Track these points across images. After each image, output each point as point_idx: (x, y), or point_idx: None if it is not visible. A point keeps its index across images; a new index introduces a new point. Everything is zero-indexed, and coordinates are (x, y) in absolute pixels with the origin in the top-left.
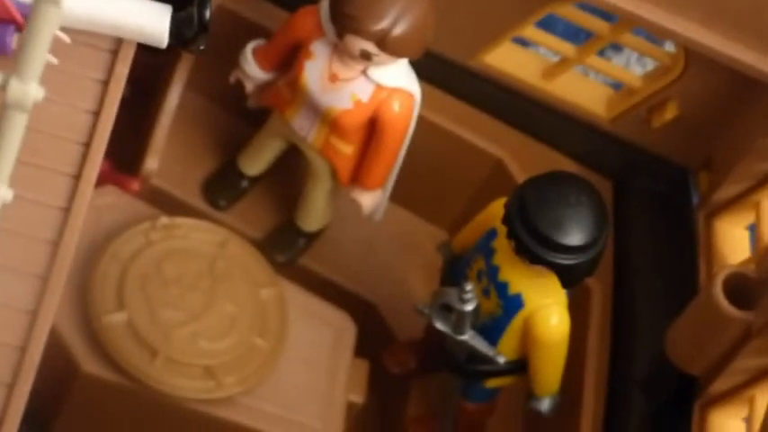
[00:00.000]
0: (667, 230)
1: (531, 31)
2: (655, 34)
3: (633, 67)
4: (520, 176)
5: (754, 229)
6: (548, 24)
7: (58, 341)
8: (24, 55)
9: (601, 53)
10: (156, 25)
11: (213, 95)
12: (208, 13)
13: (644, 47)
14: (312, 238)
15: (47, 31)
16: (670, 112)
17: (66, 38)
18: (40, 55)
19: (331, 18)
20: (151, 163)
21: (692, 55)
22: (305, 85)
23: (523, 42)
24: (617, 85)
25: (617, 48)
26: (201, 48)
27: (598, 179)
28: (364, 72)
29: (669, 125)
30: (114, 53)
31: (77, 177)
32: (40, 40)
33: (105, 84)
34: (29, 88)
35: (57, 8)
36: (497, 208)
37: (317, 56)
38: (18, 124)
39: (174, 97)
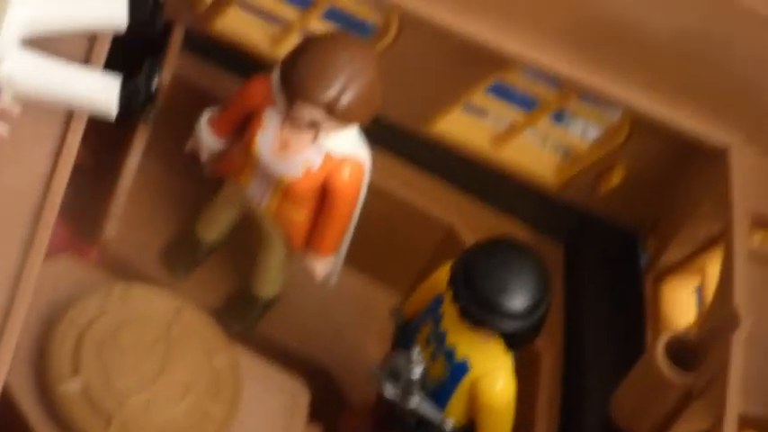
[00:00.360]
0: (617, 294)
1: (480, 98)
2: (600, 100)
3: (591, 133)
4: (471, 242)
5: (700, 292)
6: (502, 92)
7: (13, 408)
8: None
9: (559, 119)
10: (105, 97)
11: (171, 163)
12: (155, 84)
13: (590, 113)
14: (268, 304)
15: None
16: (616, 178)
17: (17, 108)
18: None
19: (281, 87)
20: (109, 230)
21: (636, 121)
22: (257, 152)
23: (475, 109)
24: (566, 151)
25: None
26: (150, 118)
27: (548, 243)
28: (315, 140)
29: (616, 190)
30: (66, 123)
31: (28, 244)
32: None
33: (56, 154)
34: None
35: None
36: (445, 273)
37: (269, 124)
38: None
39: (132, 165)
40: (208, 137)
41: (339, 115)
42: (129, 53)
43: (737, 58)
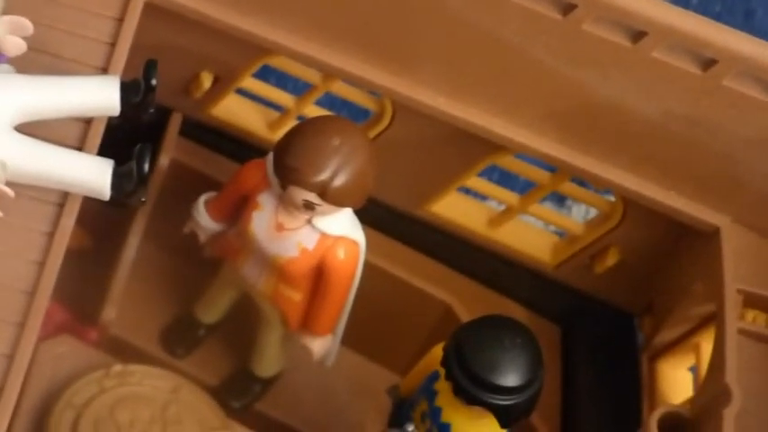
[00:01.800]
0: (613, 373)
1: (475, 181)
2: (592, 183)
3: (587, 215)
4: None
5: (696, 370)
6: (496, 175)
7: None
8: None
9: (559, 202)
10: (98, 180)
11: (170, 246)
12: (146, 167)
13: (584, 195)
14: (267, 383)
15: None
16: (611, 259)
17: (11, 192)
18: None
19: (275, 171)
20: (109, 312)
21: (629, 203)
22: (253, 234)
23: (470, 191)
24: (561, 233)
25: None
26: (143, 200)
27: (545, 323)
28: (309, 221)
29: (611, 271)
30: (60, 206)
31: (22, 326)
32: None
33: (51, 235)
34: None
35: None
36: (439, 351)
37: (264, 206)
38: None
39: (131, 248)
40: (205, 219)
41: (332, 198)
42: (127, 138)
43: (723, 141)
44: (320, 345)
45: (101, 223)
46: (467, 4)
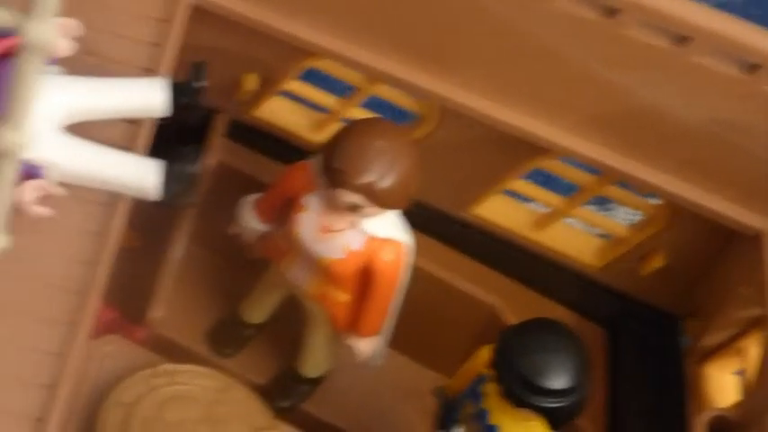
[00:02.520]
0: (658, 375)
1: (519, 184)
2: (636, 187)
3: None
4: (513, 323)
5: (742, 374)
6: (540, 178)
7: None
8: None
9: (601, 205)
10: (146, 180)
11: (216, 246)
12: (195, 168)
13: (629, 199)
14: (314, 384)
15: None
16: (657, 262)
17: (61, 192)
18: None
19: (321, 172)
20: (156, 312)
21: (674, 206)
22: (299, 236)
23: (514, 194)
24: (605, 236)
25: None
26: (191, 201)
27: (591, 326)
28: (355, 223)
29: (657, 274)
30: (110, 206)
31: (73, 325)
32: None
33: (101, 236)
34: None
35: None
36: (486, 354)
37: (310, 208)
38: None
39: (178, 248)
40: (251, 221)
41: (377, 200)
42: (174, 139)
43: (766, 145)
44: (367, 346)
45: (148, 223)
46: (511, 8)
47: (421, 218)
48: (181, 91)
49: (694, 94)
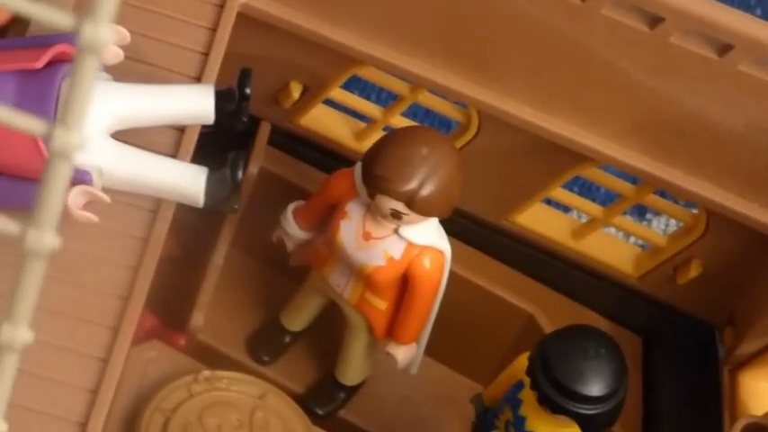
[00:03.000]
0: (694, 384)
1: (560, 193)
2: (676, 195)
3: (670, 227)
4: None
5: None
6: (581, 186)
7: None
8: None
9: (639, 215)
10: (192, 186)
11: (257, 254)
12: (240, 174)
13: (667, 208)
14: (352, 391)
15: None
16: (694, 270)
17: (106, 198)
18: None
19: (363, 180)
20: (197, 319)
21: (712, 215)
22: (341, 243)
23: (554, 203)
24: (644, 245)
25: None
26: (235, 207)
27: (627, 334)
28: (396, 230)
29: (694, 282)
30: (154, 212)
31: (116, 330)
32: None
33: (145, 241)
34: (46, 236)
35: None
36: (523, 361)
37: (352, 216)
38: (35, 271)
39: (219, 256)
40: (293, 228)
41: (419, 208)
42: (218, 146)
43: None
44: (405, 353)
45: (190, 231)
46: (554, 15)
47: (460, 226)
48: (227, 98)
49: (737, 102)
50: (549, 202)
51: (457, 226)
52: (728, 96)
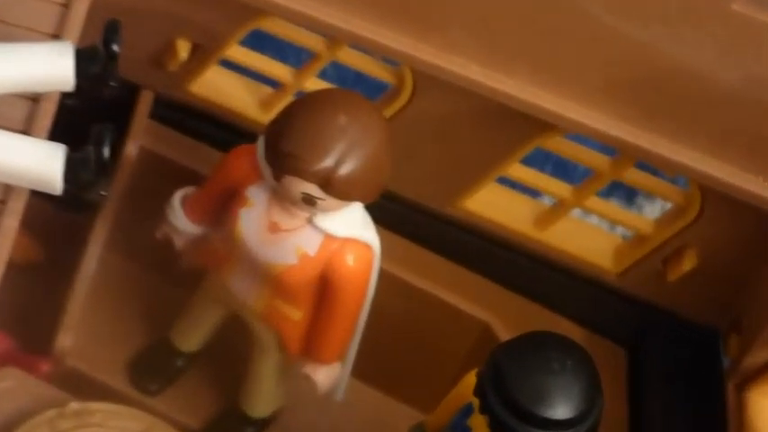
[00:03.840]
0: (692, 403)
1: (518, 170)
2: (661, 169)
3: (656, 209)
4: None
5: None
6: (544, 161)
7: None
8: None
9: (628, 200)
10: (48, 168)
11: (138, 257)
12: (107, 152)
13: (652, 185)
14: (262, 425)
15: None
16: (688, 263)
17: None
18: None
19: (267, 158)
20: (64, 340)
21: (707, 192)
22: (241, 237)
23: (512, 183)
24: (626, 232)
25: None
26: (103, 194)
27: (607, 345)
28: (310, 220)
29: (688, 278)
30: (1, 203)
31: None
32: None
33: None
34: None
35: None
36: (473, 379)
37: (255, 203)
38: None
39: (91, 261)
40: (182, 221)
41: (338, 191)
42: (87, 121)
43: None
44: (326, 375)
45: (54, 230)
46: None
47: (394, 214)
48: (90, 57)
49: (732, 50)
50: (505, 182)
51: (389, 214)
52: (722, 44)
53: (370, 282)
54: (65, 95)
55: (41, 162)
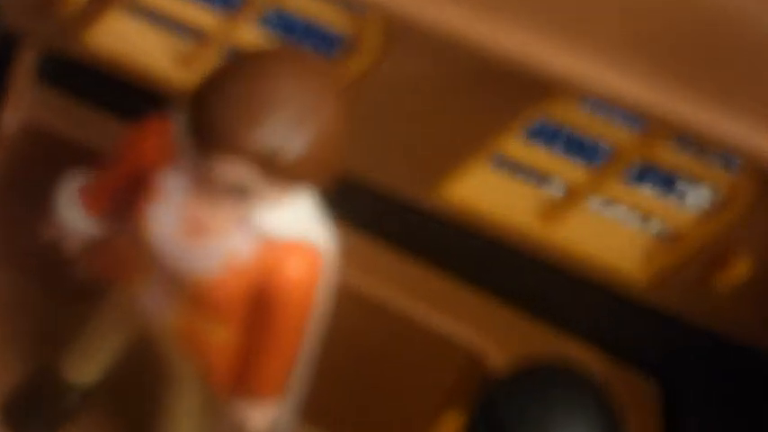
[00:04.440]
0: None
1: (518, 148)
2: (702, 144)
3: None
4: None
5: None
6: (550, 136)
7: None
8: None
9: (666, 186)
10: None
11: (20, 264)
12: None
13: (691, 167)
14: None
15: None
16: (740, 269)
17: None
18: None
19: (190, 133)
20: None
21: (763, 177)
22: (152, 239)
23: (511, 165)
24: (660, 230)
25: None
26: None
27: (635, 375)
28: (242, 216)
29: (738, 289)
30: None
31: None
32: None
33: None
34: None
35: None
36: (459, 421)
37: (170, 193)
38: None
39: None
40: (77, 216)
41: (280, 173)
42: None
43: None
44: (262, 414)
45: None
46: None
47: (356, 206)
48: None
49: None
50: (503, 164)
51: (351, 208)
52: None
53: (319, 295)
54: None
55: None
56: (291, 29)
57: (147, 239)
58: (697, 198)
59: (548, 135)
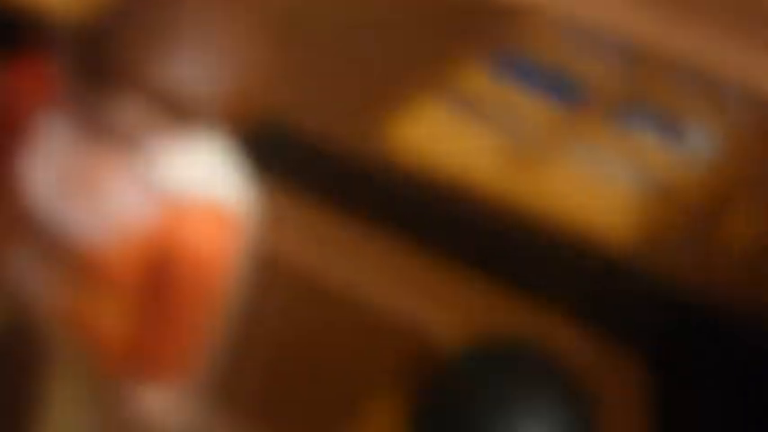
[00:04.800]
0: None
1: (480, 83)
2: (705, 82)
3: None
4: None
5: None
6: (519, 70)
7: None
8: None
9: (631, 123)
10: None
11: None
12: None
13: (688, 108)
14: None
15: None
16: (743, 228)
17: None
18: None
19: (76, 67)
20: None
21: None
22: (27, 196)
23: (471, 106)
24: (649, 182)
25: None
26: None
27: (620, 355)
28: (139, 170)
29: (746, 251)
30: None
31: None
32: None
33: None
34: None
35: None
36: (398, 409)
37: (50, 141)
38: None
39: None
40: None
41: (185, 113)
42: None
43: None
44: (160, 400)
45: None
46: None
47: (285, 159)
48: None
49: None
50: (461, 103)
51: (276, 160)
52: None
53: (235, 263)
54: None
55: None
56: None
57: (20, 199)
58: (694, 145)
59: (517, 70)
